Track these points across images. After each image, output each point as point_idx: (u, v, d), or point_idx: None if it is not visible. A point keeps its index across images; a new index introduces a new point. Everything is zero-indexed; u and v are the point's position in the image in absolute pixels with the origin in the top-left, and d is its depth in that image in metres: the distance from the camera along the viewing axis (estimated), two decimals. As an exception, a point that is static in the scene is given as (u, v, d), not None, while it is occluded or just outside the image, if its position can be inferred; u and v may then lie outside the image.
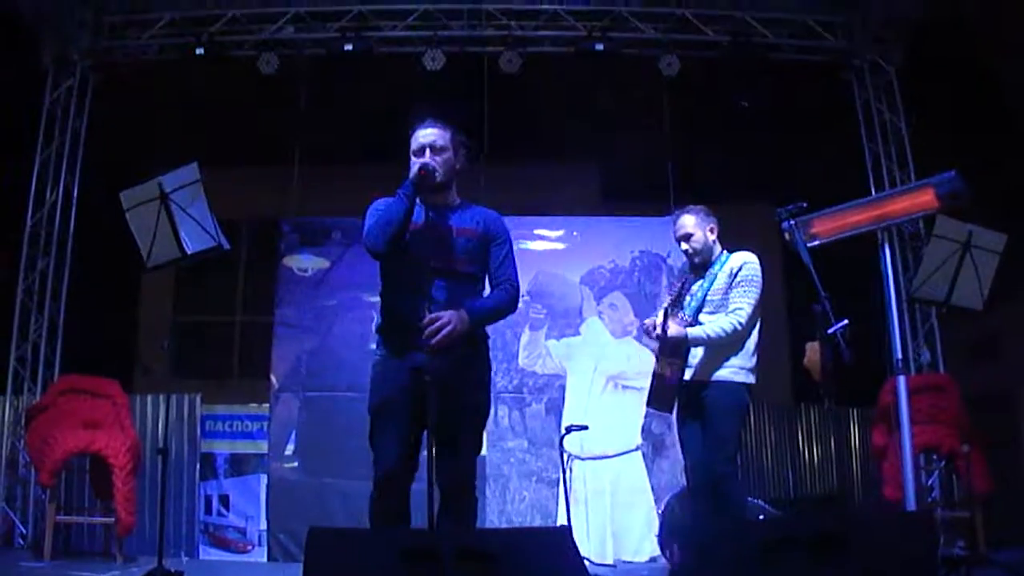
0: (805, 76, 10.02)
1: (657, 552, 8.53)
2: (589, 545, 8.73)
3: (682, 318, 5.72)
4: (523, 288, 9.37)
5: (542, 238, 9.78)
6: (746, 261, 5.79)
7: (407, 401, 4.58)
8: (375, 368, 4.79)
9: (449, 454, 4.54)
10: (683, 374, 5.74)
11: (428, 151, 4.79)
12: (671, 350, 5.70)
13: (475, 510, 4.76)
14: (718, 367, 5.70)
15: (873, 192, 9.31)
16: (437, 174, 4.71)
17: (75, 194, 9.56)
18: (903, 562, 3.75)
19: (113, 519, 8.01)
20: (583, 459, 8.99)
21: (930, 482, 9.03)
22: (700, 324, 5.69)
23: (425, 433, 4.61)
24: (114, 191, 6.03)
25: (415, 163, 4.71)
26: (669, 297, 5.86)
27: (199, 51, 9.45)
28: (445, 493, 4.58)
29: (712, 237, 5.94)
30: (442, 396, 4.43)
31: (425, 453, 4.56)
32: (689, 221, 5.93)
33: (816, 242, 6.29)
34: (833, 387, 5.30)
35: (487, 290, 4.92)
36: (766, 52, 9.85)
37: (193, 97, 9.80)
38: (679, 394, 5.78)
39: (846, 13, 9.93)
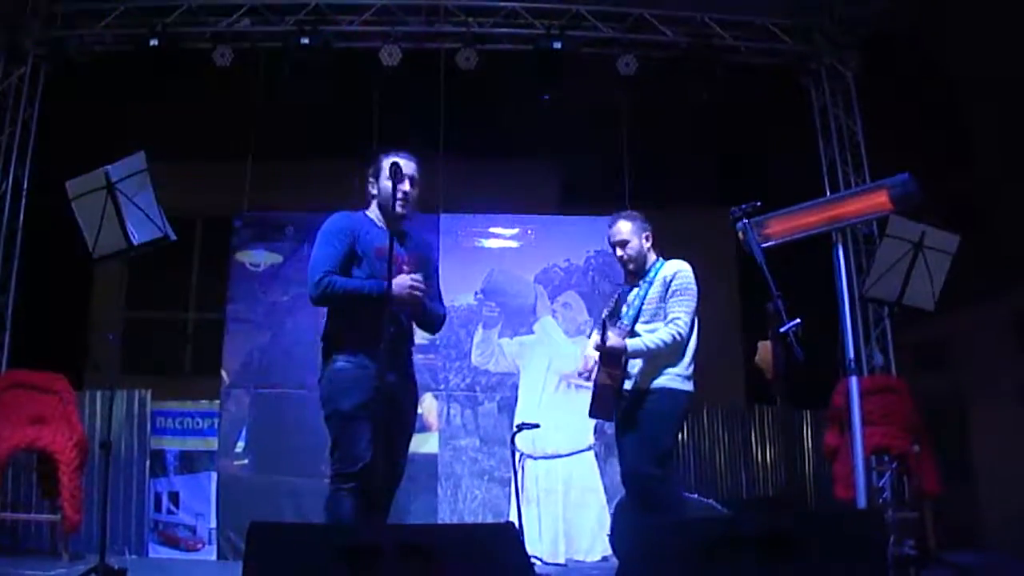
0: (763, 79, 10.03)
1: (609, 551, 8.52)
2: (541, 544, 8.72)
3: (621, 327, 5.71)
4: (477, 286, 9.49)
5: (497, 236, 9.78)
6: (679, 270, 5.79)
7: (374, 409, 4.70)
8: (344, 372, 4.93)
9: (390, 457, 4.89)
10: (623, 384, 5.74)
11: (408, 182, 5.05)
12: (611, 361, 5.69)
13: None
14: (657, 375, 5.70)
15: (828, 195, 9.34)
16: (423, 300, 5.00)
17: (25, 185, 9.42)
18: (852, 560, 3.73)
19: (59, 516, 7.89)
20: (535, 458, 8.97)
21: (881, 483, 9.06)
22: (638, 335, 5.67)
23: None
24: (65, 183, 5.94)
25: (408, 279, 4.88)
26: (607, 310, 5.86)
27: (152, 42, 9.35)
28: (389, 490, 4.96)
29: (647, 245, 5.93)
30: (397, 407, 4.89)
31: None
32: (625, 228, 5.92)
33: (770, 242, 6.29)
34: (784, 385, 5.31)
35: None
36: (724, 54, 9.86)
37: (146, 89, 9.67)
38: (620, 403, 5.77)
39: (805, 17, 9.95)
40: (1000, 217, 8.25)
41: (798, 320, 4.98)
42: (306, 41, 9.47)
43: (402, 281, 4.82)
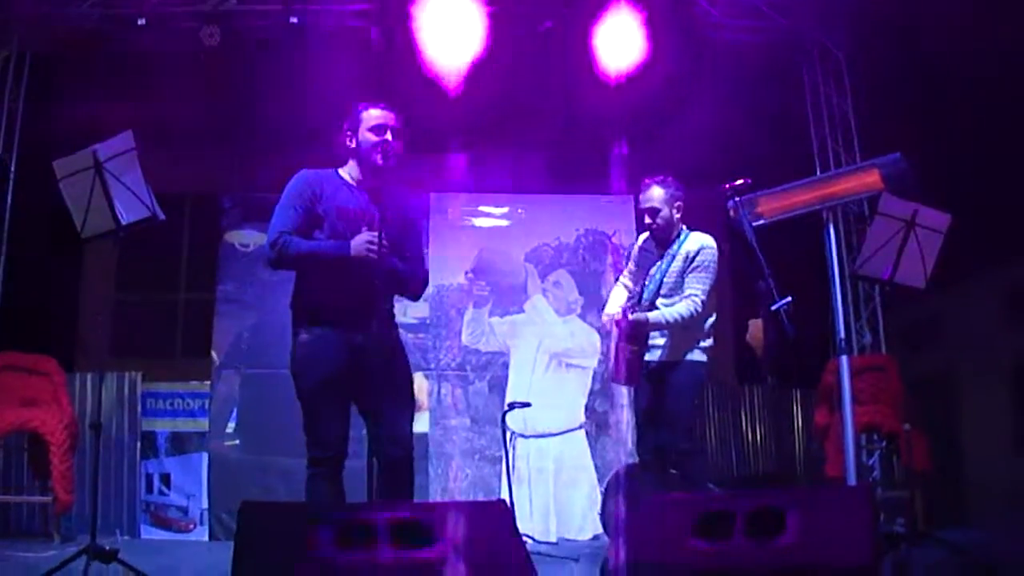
0: (752, 57, 9.98)
1: (600, 530, 8.54)
2: (532, 523, 8.73)
3: (640, 308, 5.76)
4: (467, 265, 9.48)
5: (486, 215, 9.76)
6: (703, 245, 5.83)
7: (347, 379, 4.59)
8: (307, 346, 4.76)
9: (392, 425, 4.69)
10: (644, 355, 5.78)
11: (390, 132, 4.89)
12: (631, 334, 5.71)
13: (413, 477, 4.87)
14: (680, 348, 5.77)
15: (819, 174, 9.33)
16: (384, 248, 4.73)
17: (12, 167, 9.35)
18: (842, 536, 3.74)
19: (51, 498, 7.87)
20: (526, 437, 8.99)
21: (871, 462, 9.08)
22: (658, 309, 5.72)
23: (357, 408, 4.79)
24: (53, 162, 5.89)
25: (367, 237, 4.68)
26: (625, 290, 5.90)
27: (141, 22, 9.27)
28: (394, 463, 4.67)
29: (677, 215, 5.95)
30: (381, 370, 4.59)
31: (365, 431, 4.65)
32: (657, 195, 5.94)
33: (761, 221, 6.28)
34: (776, 363, 5.33)
35: None
36: (712, 31, 9.80)
37: (135, 69, 9.60)
38: (644, 375, 5.82)
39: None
40: (991, 194, 8.24)
41: (789, 298, 4.99)
42: (295, 20, 9.41)
43: (359, 239, 4.68)
